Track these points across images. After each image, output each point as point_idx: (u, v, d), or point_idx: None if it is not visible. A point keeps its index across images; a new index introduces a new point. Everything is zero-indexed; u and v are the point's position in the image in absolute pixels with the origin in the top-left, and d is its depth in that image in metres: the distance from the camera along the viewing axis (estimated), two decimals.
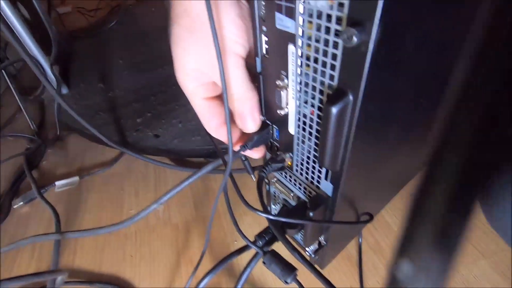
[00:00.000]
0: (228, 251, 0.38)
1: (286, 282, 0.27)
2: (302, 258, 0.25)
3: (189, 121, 0.63)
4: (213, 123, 0.29)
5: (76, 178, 0.58)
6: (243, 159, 0.33)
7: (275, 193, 0.41)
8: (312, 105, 0.24)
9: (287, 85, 0.26)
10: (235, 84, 0.26)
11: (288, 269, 0.27)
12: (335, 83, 0.21)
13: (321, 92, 0.23)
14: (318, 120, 0.25)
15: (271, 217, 0.27)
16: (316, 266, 0.27)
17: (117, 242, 0.48)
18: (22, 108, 0.70)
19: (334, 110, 0.21)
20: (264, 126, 0.32)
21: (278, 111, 0.28)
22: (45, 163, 0.63)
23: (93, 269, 0.45)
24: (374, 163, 0.31)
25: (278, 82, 0.26)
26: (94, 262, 0.45)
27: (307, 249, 0.38)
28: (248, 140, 0.31)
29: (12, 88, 0.67)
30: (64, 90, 0.74)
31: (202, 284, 0.32)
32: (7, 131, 0.72)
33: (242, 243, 0.33)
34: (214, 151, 0.59)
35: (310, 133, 0.27)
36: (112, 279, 0.43)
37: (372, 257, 0.43)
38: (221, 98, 0.29)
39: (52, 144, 0.67)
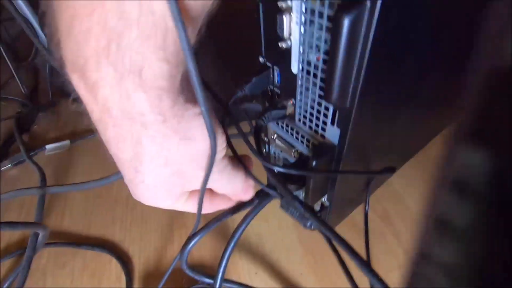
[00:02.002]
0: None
1: (307, 226, 0.24)
2: (305, 206, 0.22)
3: None
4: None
5: (67, 142, 0.55)
6: None
7: (275, 153, 0.37)
8: (320, 27, 0.21)
9: (291, 7, 0.22)
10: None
11: (309, 212, 0.24)
12: None
13: (330, 4, 0.19)
14: (326, 48, 0.21)
15: (269, 165, 0.24)
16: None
17: (107, 205, 0.45)
18: (14, 72, 0.67)
19: (347, 20, 0.17)
20: (263, 68, 0.29)
21: (280, 44, 0.24)
22: (36, 127, 0.61)
23: (81, 231, 0.42)
24: (387, 108, 0.27)
25: (281, 4, 0.22)
26: (82, 225, 0.43)
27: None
28: (244, 82, 0.28)
29: (3, 53, 0.64)
30: None
31: (191, 243, 0.29)
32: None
33: None
34: None
35: (316, 67, 0.23)
36: (100, 241, 0.41)
37: (379, 224, 0.40)
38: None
39: (44, 109, 0.64)
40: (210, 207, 0.26)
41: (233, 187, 0.24)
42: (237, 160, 0.23)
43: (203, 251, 0.39)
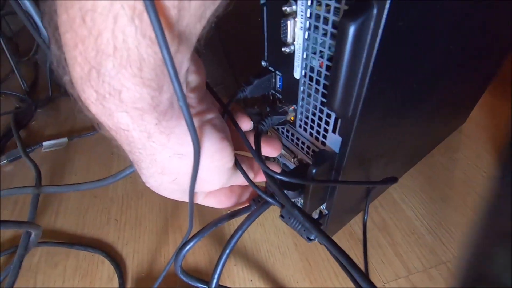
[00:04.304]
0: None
1: (309, 239, 0.23)
2: (304, 215, 0.22)
3: None
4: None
5: (64, 139, 0.54)
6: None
7: (274, 158, 0.37)
8: (324, 33, 0.20)
9: (295, 12, 0.22)
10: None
11: (311, 223, 0.23)
12: None
13: (336, 10, 0.19)
14: (329, 54, 0.21)
15: (268, 171, 0.23)
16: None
17: (102, 205, 0.44)
18: (14, 67, 0.66)
19: (353, 26, 0.17)
20: (265, 72, 0.28)
21: (283, 49, 0.24)
22: (34, 123, 0.60)
23: (75, 231, 0.42)
24: (390, 117, 0.27)
25: (285, 8, 0.22)
26: (76, 224, 0.42)
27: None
28: (245, 83, 0.27)
29: (4, 48, 0.64)
30: None
31: (187, 247, 0.28)
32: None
33: None
34: None
35: (319, 73, 0.23)
36: (94, 242, 0.40)
37: (377, 234, 0.39)
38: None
39: (43, 105, 0.63)
40: (230, 201, 0.28)
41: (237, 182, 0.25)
42: (239, 164, 0.23)
43: (198, 256, 0.38)
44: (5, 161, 0.51)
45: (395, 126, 0.30)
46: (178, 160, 0.18)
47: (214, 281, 0.28)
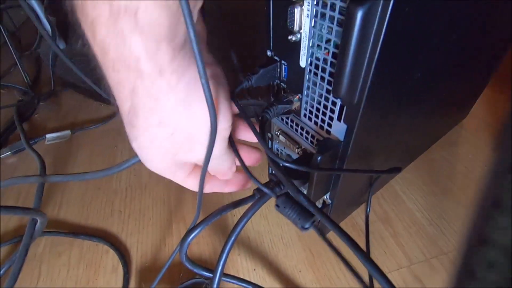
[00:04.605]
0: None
1: (304, 228, 0.23)
2: (310, 203, 0.22)
3: None
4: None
5: (68, 132, 0.55)
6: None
7: (278, 149, 0.37)
8: (331, 20, 0.21)
9: None
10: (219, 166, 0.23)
11: (306, 213, 0.24)
12: None
13: None
14: (336, 41, 0.21)
15: (276, 158, 0.23)
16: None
17: (106, 196, 0.45)
18: (17, 61, 0.66)
19: (360, 12, 0.17)
20: (271, 61, 0.29)
21: (290, 37, 0.24)
22: (37, 116, 0.60)
23: (79, 221, 0.42)
24: (396, 106, 0.27)
25: None
26: (80, 215, 0.42)
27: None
28: (251, 73, 0.28)
29: (8, 41, 0.64)
30: (61, 45, 0.70)
31: (193, 234, 0.29)
32: (1, 83, 0.68)
33: None
34: None
35: (325, 61, 0.23)
36: (98, 232, 0.40)
37: (379, 227, 0.40)
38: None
39: (46, 98, 0.63)
40: (209, 187, 0.26)
41: (224, 165, 0.23)
42: (231, 144, 0.23)
43: (202, 246, 0.39)
44: (9, 153, 0.51)
45: (398, 117, 0.30)
46: (182, 110, 0.16)
47: (219, 268, 0.28)
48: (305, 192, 0.32)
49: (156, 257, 0.38)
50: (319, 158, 0.25)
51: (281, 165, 0.24)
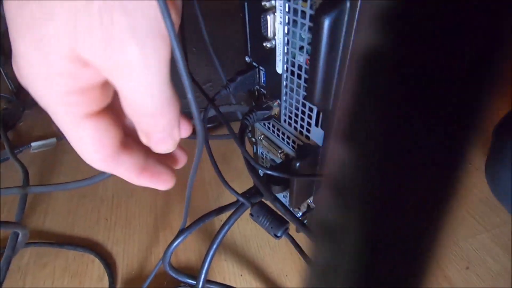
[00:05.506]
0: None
1: (277, 236, 0.23)
2: (287, 211, 0.22)
3: None
4: (102, 154, 0.15)
5: (53, 140, 0.54)
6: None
7: (262, 154, 0.37)
8: (303, 27, 0.21)
9: (275, 6, 0.22)
10: (151, 89, 0.13)
11: (278, 222, 0.24)
12: None
13: (313, 4, 0.19)
14: (308, 47, 0.21)
15: (254, 164, 0.23)
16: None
17: (92, 204, 0.44)
18: (1, 68, 0.65)
19: (327, 20, 0.17)
20: (249, 68, 0.29)
21: (265, 44, 0.24)
22: (22, 124, 0.59)
23: (64, 231, 0.41)
24: None
25: (264, 3, 0.22)
26: (65, 224, 0.42)
27: (293, 212, 0.35)
28: (229, 80, 0.27)
29: None
30: None
31: (175, 243, 0.29)
32: None
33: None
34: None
35: (300, 68, 0.23)
36: (83, 241, 0.40)
37: None
38: (112, 109, 0.15)
39: (31, 106, 0.62)
40: (107, 166, 0.15)
41: (164, 104, 0.14)
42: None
43: (189, 253, 0.38)
44: None
45: None
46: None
47: (202, 275, 0.28)
48: (287, 198, 0.32)
49: (142, 266, 0.37)
50: (297, 164, 0.25)
51: (260, 171, 0.24)
